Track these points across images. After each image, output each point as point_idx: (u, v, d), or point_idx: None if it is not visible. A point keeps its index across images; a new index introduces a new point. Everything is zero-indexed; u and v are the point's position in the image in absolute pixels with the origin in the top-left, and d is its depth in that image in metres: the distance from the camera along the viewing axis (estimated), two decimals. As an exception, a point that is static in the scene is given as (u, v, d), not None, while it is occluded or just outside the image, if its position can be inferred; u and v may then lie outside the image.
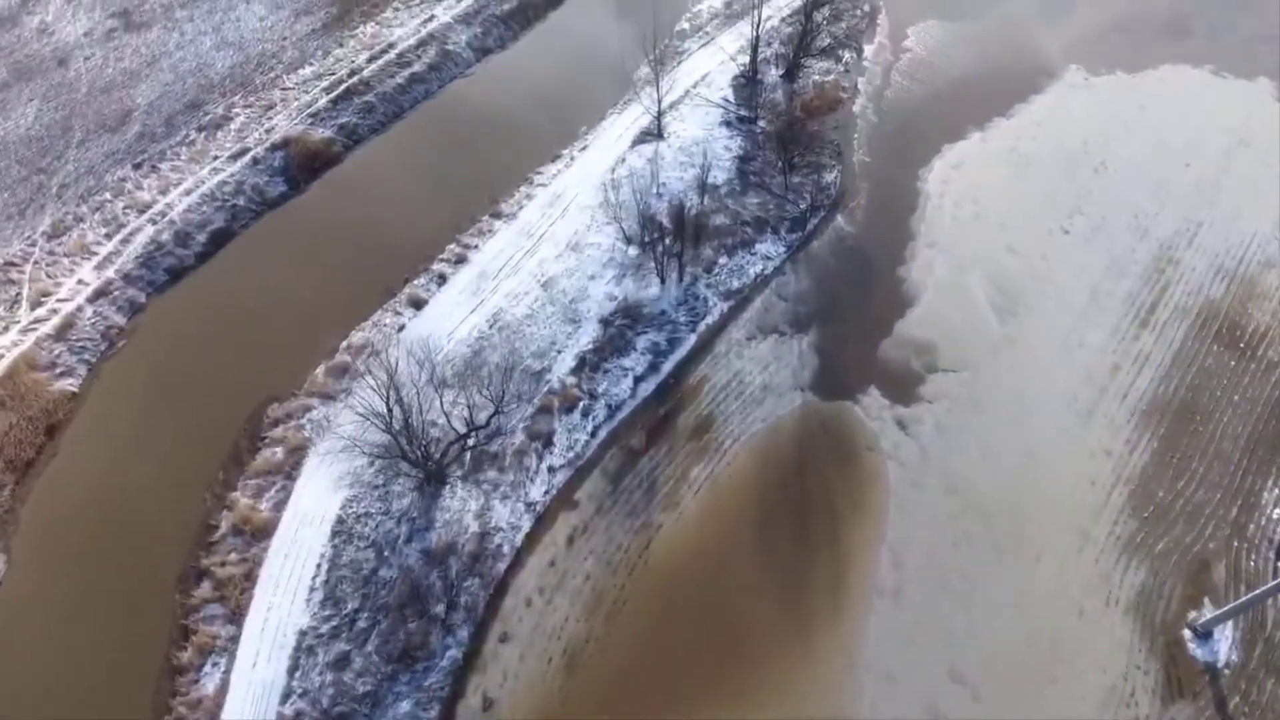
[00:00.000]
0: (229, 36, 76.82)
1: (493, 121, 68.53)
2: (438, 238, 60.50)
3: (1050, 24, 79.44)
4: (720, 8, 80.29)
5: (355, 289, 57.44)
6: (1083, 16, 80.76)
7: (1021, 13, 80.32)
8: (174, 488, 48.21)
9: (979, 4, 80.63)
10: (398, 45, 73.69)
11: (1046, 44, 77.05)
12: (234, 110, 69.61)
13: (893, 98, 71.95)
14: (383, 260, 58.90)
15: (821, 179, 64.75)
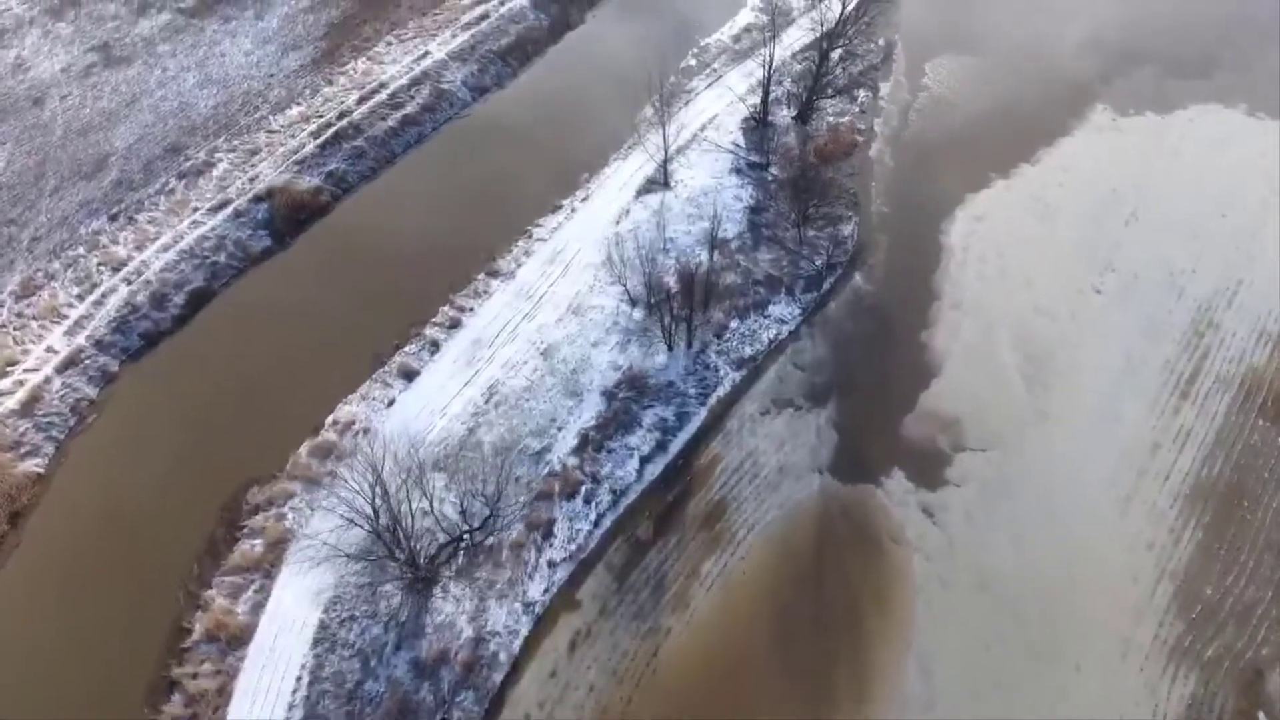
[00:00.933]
0: (213, 73, 73.17)
1: (489, 168, 64.92)
2: (431, 298, 56.93)
3: (1073, 59, 75.79)
4: (728, 42, 76.65)
5: (342, 356, 53.85)
6: (1106, 49, 77.06)
7: (1043, 47, 76.64)
8: (145, 584, 44.61)
9: (999, 38, 76.93)
10: (390, 85, 70.01)
11: (1070, 81, 73.38)
12: (216, 155, 65.96)
13: (911, 140, 68.30)
14: (372, 323, 55.35)
15: (838, 232, 61.14)
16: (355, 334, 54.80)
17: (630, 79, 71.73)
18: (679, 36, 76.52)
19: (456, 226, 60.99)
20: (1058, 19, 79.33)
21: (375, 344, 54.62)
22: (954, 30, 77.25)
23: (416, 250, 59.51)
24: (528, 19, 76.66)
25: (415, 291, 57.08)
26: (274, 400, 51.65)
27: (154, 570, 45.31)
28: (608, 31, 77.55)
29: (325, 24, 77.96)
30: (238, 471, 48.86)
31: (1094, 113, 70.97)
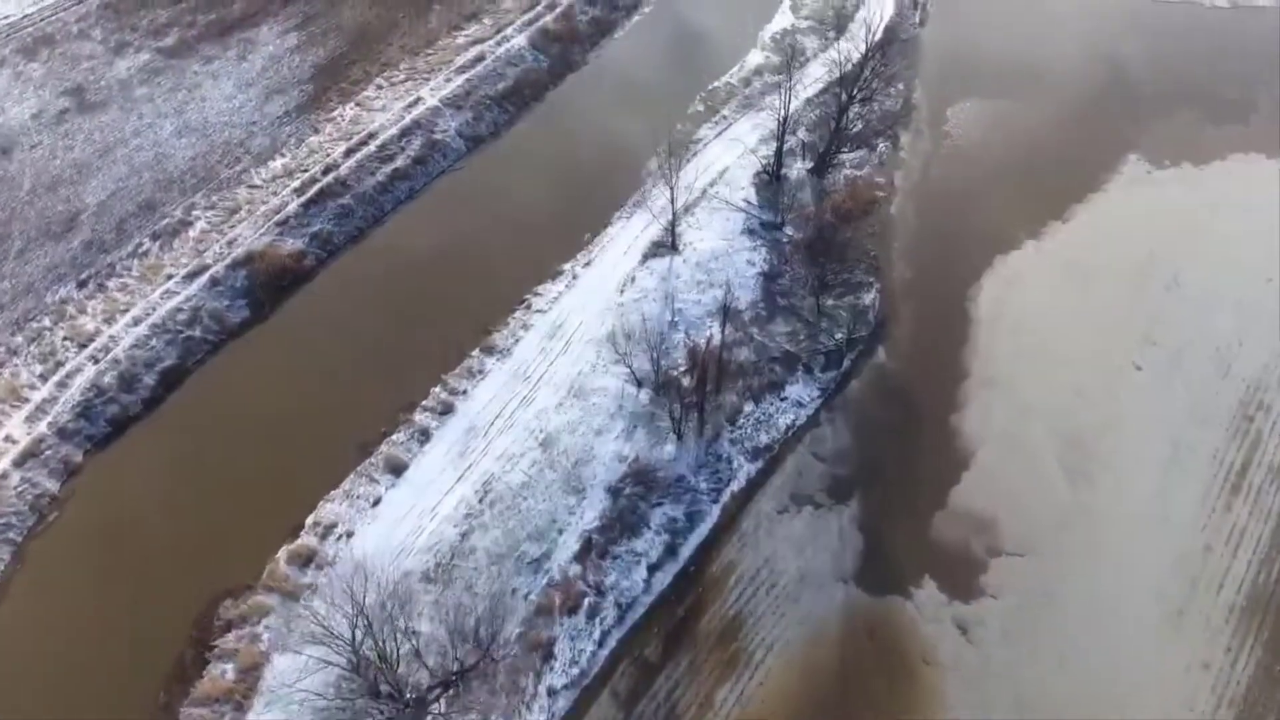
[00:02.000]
0: (192, 120, 68.93)
1: (484, 227, 60.73)
2: (422, 377, 52.84)
3: (1103, 103, 71.56)
4: (738, 85, 72.42)
5: (325, 444, 49.79)
6: (1137, 93, 72.83)
7: (1068, 91, 72.38)
8: (109, 714, 40.66)
9: (1022, 82, 72.61)
10: (379, 135, 65.79)
11: (1100, 128, 69.17)
12: (194, 213, 61.79)
13: (934, 195, 64.11)
14: (358, 406, 51.27)
15: (858, 301, 57.02)
16: (339, 418, 50.73)
17: (635, 127, 67.84)
18: (686, 79, 72.25)
19: (449, 294, 56.90)
20: (1085, 61, 75.09)
21: (361, 430, 50.56)
22: (977, 73, 73.01)
23: (406, 321, 55.47)
24: (526, 61, 72.45)
25: (405, 369, 53.06)
26: (250, 495, 47.62)
27: (118, 696, 41.35)
28: (610, 74, 73.33)
29: (312, 65, 73.72)
30: (210, 580, 44.85)
31: (1126, 164, 66.78)
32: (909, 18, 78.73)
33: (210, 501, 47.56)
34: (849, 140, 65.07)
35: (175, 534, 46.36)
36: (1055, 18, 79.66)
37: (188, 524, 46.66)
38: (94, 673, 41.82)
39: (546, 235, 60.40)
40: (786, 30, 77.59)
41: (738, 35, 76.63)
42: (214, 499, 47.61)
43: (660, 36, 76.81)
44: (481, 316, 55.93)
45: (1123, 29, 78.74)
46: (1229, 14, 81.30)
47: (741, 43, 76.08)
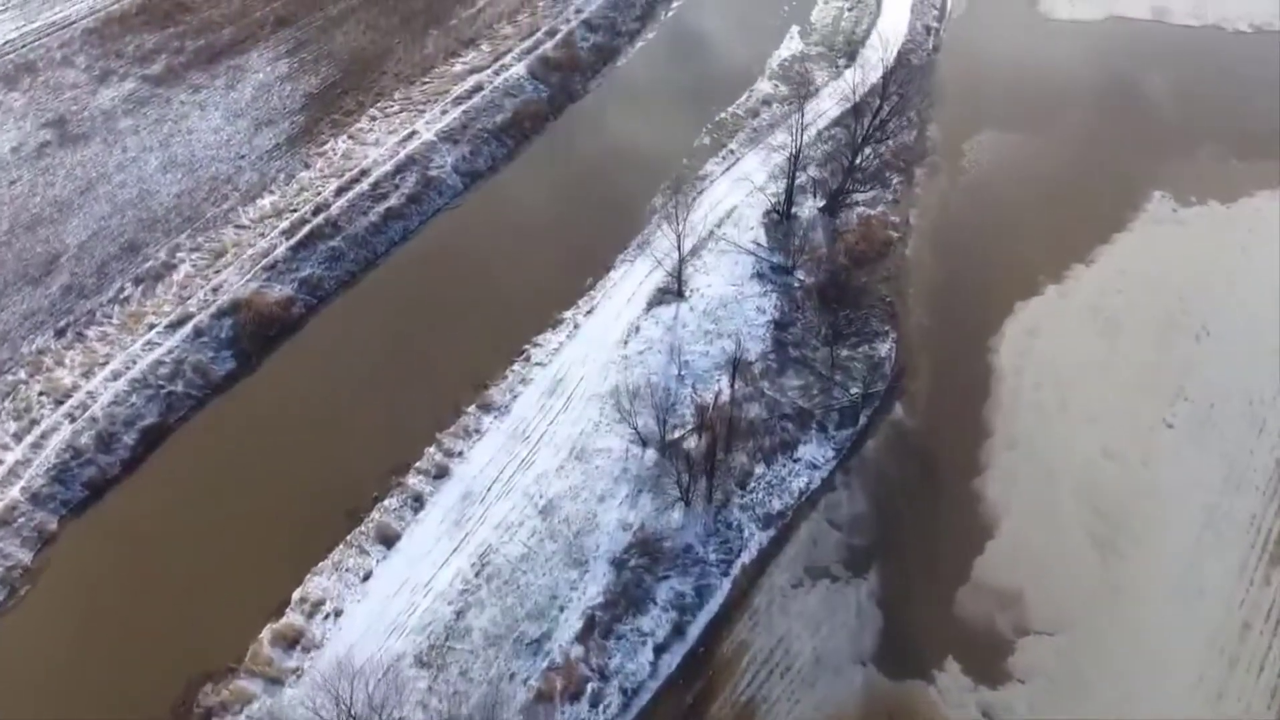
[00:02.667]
0: (178, 154, 66.22)
1: (481, 271, 58.06)
2: (415, 436, 50.21)
3: (1124, 137, 68.75)
4: (745, 116, 69.68)
5: (314, 510, 47.20)
6: (1161, 125, 70.06)
7: (1089, 122, 69.59)
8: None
9: (1041, 112, 69.91)
10: (372, 172, 63.10)
11: (1124, 163, 66.42)
12: (178, 256, 59.15)
13: (951, 236, 61.39)
14: (348, 467, 48.66)
15: (874, 352, 54.38)
16: (328, 481, 48.14)
17: (638, 161, 65.52)
18: (691, 110, 69.52)
19: (444, 344, 54.29)
20: (1105, 89, 72.39)
21: (351, 494, 47.93)
22: (993, 102, 70.27)
23: (398, 373, 52.90)
24: (525, 91, 69.73)
25: (397, 427, 50.45)
26: (233, 567, 45.01)
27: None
28: (612, 105, 70.62)
29: (303, 95, 71.02)
30: (189, 661, 42.26)
31: (1151, 201, 64.05)
32: (922, 43, 76.02)
33: (191, 573, 45.00)
34: (862, 177, 62.36)
35: (153, 609, 43.79)
36: (1073, 43, 77.00)
37: (166, 598, 44.09)
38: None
39: (547, 279, 57.74)
40: (795, 57, 74.89)
41: (745, 63, 73.92)
42: (195, 570, 45.05)
43: (664, 64, 74.11)
44: (478, 369, 53.28)
45: (1143, 55, 76.04)
46: (1252, 39, 78.53)
47: (749, 71, 73.32)
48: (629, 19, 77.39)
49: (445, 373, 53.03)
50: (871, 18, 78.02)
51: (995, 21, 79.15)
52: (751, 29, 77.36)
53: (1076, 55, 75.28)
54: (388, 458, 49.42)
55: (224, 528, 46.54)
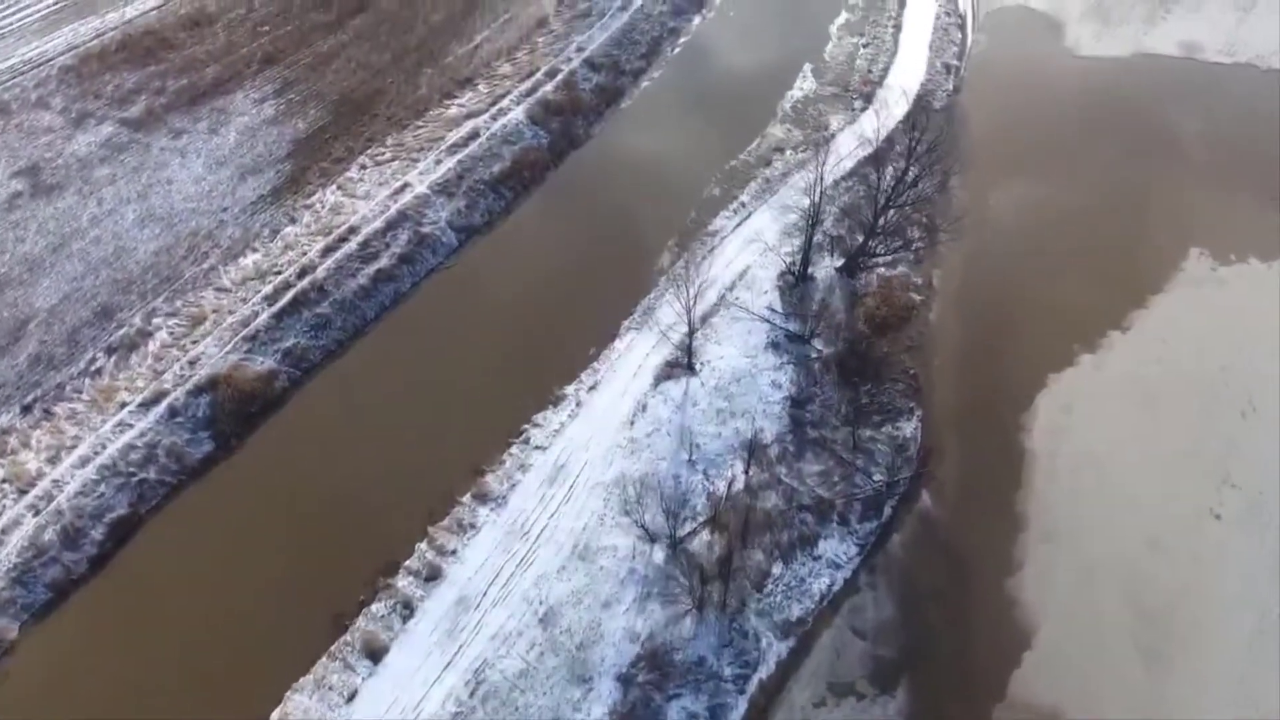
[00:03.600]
0: (156, 207, 62.55)
1: (477, 339, 54.41)
2: (406, 529, 46.53)
3: (1157, 186, 65.06)
4: (756, 163, 66.01)
5: (295, 614, 43.52)
6: (1194, 171, 66.39)
7: (1121, 171, 65.83)
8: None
9: (1070, 159, 66.27)
10: (361, 230, 59.41)
11: (1158, 215, 62.78)
12: (154, 321, 55.48)
13: (977, 298, 57.70)
14: (334, 566, 45.00)
15: (898, 432, 50.76)
16: (311, 581, 44.50)
17: (644, 215, 61.97)
18: (699, 157, 65.83)
19: (436, 423, 50.61)
20: (1137, 133, 68.74)
21: (336, 597, 44.23)
22: (1020, 148, 66.63)
23: (387, 457, 49.20)
24: (524, 138, 66.03)
25: (386, 518, 46.72)
26: (206, 682, 41.35)
27: None
28: (616, 152, 66.92)
29: (290, 140, 67.34)
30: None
31: (1188, 259, 60.39)
32: (941, 83, 72.40)
33: (162, 686, 41.32)
34: (882, 234, 58.63)
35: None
36: (1100, 82, 73.42)
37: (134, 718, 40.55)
38: None
39: (546, 349, 54.12)
40: (809, 98, 71.25)
41: (756, 104, 70.26)
42: (167, 683, 41.39)
43: (671, 107, 70.39)
44: (474, 451, 49.62)
45: (1174, 95, 72.43)
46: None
47: (760, 113, 69.64)
48: (633, 56, 73.70)
49: (438, 455, 49.38)
50: (889, 55, 74.39)
51: (1018, 58, 75.56)
52: (762, 66, 73.70)
53: (1104, 95, 71.60)
54: (376, 553, 45.75)
55: (197, 634, 42.87)
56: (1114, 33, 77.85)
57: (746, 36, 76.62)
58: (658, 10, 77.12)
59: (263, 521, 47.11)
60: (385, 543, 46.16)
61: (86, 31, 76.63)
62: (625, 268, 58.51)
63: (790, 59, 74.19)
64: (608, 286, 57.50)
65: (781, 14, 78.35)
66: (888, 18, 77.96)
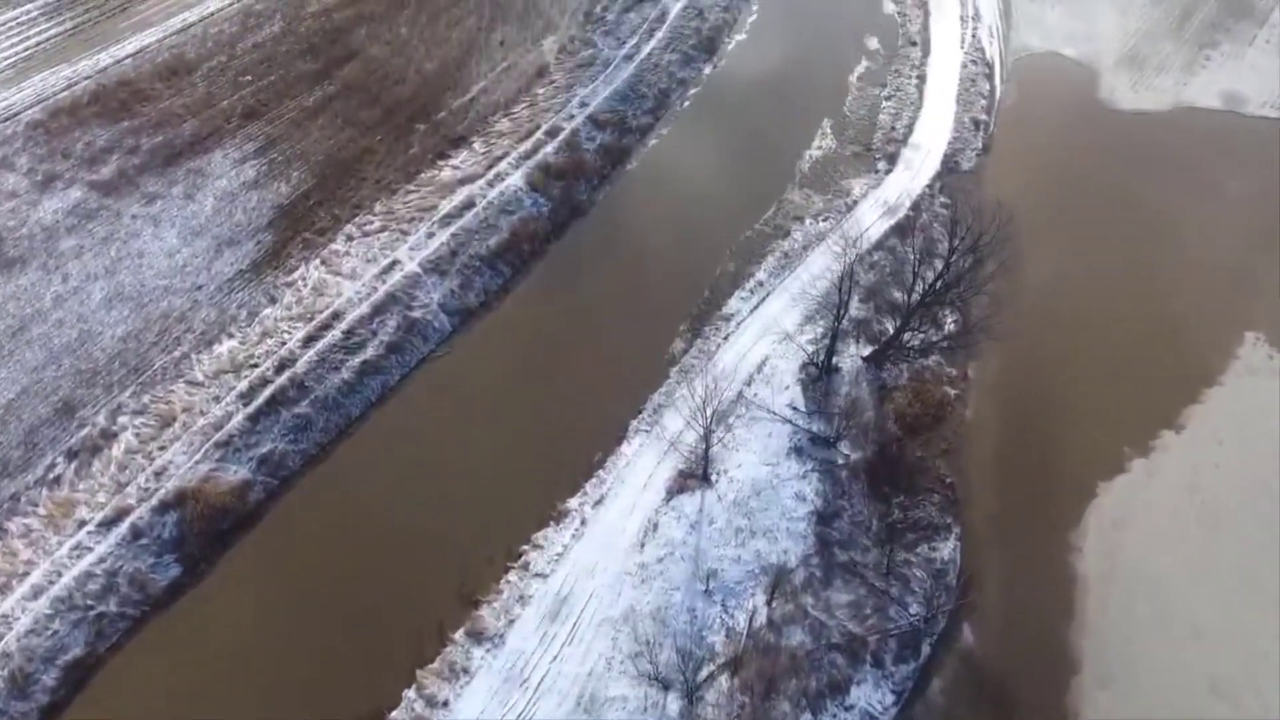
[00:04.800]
0: (126, 284, 57.78)
1: (470, 442, 49.70)
2: (391, 670, 41.81)
3: (1206, 259, 60.21)
4: (772, 233, 61.24)
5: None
6: (1244, 243, 61.58)
7: (1168, 241, 61.10)
8: None
9: (1112, 228, 61.54)
10: (346, 315, 54.67)
11: (1208, 295, 58.05)
12: (119, 421, 50.67)
13: (1017, 393, 53.05)
14: (308, 714, 40.45)
15: (935, 553, 46.15)
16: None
17: (653, 296, 57.34)
18: (711, 226, 61.06)
19: (426, 542, 45.86)
20: (1181, 200, 63.97)
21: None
22: (1055, 216, 61.81)
23: (372, 582, 44.52)
24: (523, 206, 61.31)
25: (370, 658, 42.05)
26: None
27: None
28: (622, 222, 62.24)
29: (271, 206, 62.60)
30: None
31: (1243, 346, 55.76)
32: (970, 141, 67.65)
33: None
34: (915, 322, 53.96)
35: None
36: (1140, 139, 68.77)
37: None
38: None
39: (547, 454, 49.46)
40: (829, 157, 66.50)
41: (772, 166, 65.51)
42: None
43: (681, 169, 65.57)
44: (468, 575, 44.96)
45: (1219, 154, 67.67)
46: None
47: (777, 176, 64.85)
48: (640, 112, 68.90)
49: (429, 581, 44.73)
50: (913, 109, 69.63)
51: (1051, 113, 70.77)
52: (777, 121, 68.91)
53: (1145, 155, 66.91)
54: (358, 700, 41.04)
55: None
56: (1151, 83, 73.10)
57: (761, 87, 71.79)
58: (666, 60, 72.31)
59: (231, 661, 42.39)
60: (369, 688, 41.43)
61: (57, 82, 71.69)
62: (633, 358, 53.81)
63: (808, 113, 69.44)
64: (614, 380, 52.77)
65: (798, 62, 73.51)
66: (911, 67, 73.24)
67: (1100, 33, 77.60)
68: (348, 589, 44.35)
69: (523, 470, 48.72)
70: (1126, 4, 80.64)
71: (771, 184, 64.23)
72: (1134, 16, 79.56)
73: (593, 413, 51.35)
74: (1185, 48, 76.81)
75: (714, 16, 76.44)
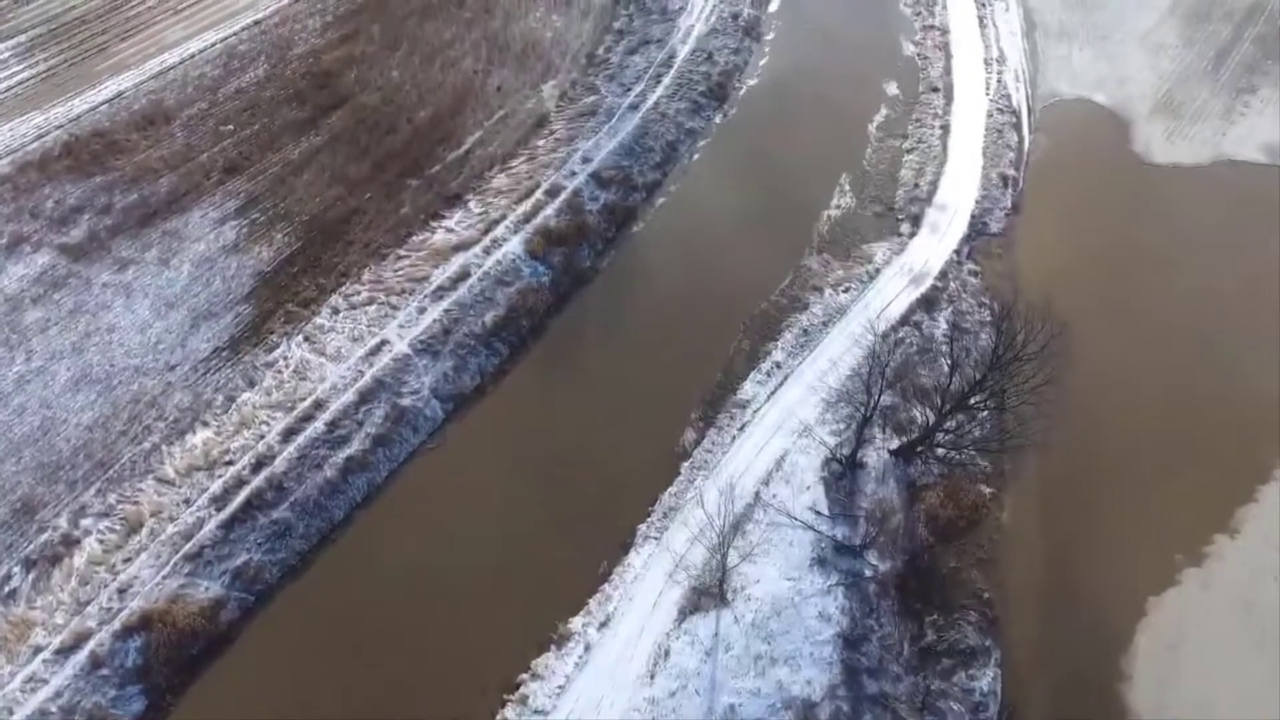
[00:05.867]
0: (94, 364, 53.58)
1: (462, 549, 45.53)
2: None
3: (1255, 334, 56.17)
4: (789, 306, 56.90)
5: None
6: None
7: (1214, 314, 56.81)
8: None
9: (1153, 300, 57.48)
10: (329, 405, 50.49)
11: (1260, 376, 53.85)
12: (82, 525, 46.51)
13: (1058, 494, 48.80)
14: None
15: (973, 682, 42.10)
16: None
17: (662, 377, 53.14)
18: (724, 300, 56.74)
19: (414, 668, 41.86)
20: (1224, 265, 59.80)
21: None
22: (1092, 286, 57.45)
23: (354, 716, 40.60)
24: (522, 277, 57.10)
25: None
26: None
27: None
28: (628, 292, 57.88)
29: (252, 274, 58.41)
30: None
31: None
32: (998, 200, 63.39)
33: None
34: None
35: None
36: (1178, 196, 64.65)
37: None
38: None
39: (548, 562, 45.25)
40: (848, 217, 62.24)
41: (788, 227, 61.25)
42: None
43: (690, 231, 61.21)
44: (460, 709, 40.96)
45: (1263, 212, 63.48)
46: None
47: (793, 239, 60.60)
48: (646, 167, 64.59)
49: (417, 715, 40.71)
50: (937, 163, 65.38)
51: (1083, 167, 66.49)
52: (793, 176, 64.55)
53: (1185, 215, 62.70)
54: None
55: None
56: (1188, 132, 68.90)
57: (775, 137, 67.51)
58: (673, 108, 68.01)
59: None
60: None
61: (27, 131, 67.35)
62: (641, 451, 49.65)
63: (825, 167, 65.18)
64: (620, 477, 48.64)
65: (815, 107, 69.18)
66: (933, 115, 68.96)
67: (1131, 76, 73.39)
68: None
69: (521, 583, 44.63)
70: (1158, 45, 76.31)
71: (788, 248, 60.00)
72: (1166, 58, 75.31)
73: (597, 515, 47.20)
74: (1222, 93, 72.61)
75: (723, 60, 72.09)
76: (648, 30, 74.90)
